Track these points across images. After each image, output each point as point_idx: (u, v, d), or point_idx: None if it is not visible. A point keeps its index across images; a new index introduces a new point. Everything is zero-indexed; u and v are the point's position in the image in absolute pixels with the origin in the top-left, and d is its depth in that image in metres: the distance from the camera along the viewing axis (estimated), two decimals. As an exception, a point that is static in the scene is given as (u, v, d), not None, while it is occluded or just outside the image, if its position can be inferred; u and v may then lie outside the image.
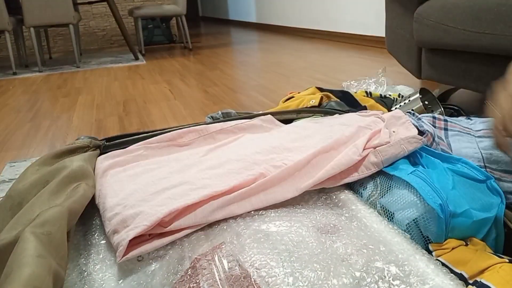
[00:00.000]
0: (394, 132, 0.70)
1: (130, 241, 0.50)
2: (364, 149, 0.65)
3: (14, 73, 3.32)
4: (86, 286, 0.49)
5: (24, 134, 1.72)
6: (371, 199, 0.59)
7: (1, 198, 0.61)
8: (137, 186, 0.62)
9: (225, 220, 0.56)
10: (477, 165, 0.61)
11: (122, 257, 0.50)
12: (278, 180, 0.61)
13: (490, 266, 0.46)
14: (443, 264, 0.47)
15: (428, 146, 0.67)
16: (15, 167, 1.34)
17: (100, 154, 0.80)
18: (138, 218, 0.53)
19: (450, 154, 0.67)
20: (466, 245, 0.52)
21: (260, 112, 1.00)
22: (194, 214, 0.54)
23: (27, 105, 2.28)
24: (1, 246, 0.48)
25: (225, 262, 0.46)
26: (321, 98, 1.18)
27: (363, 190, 0.61)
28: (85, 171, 0.63)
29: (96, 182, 0.66)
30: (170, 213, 0.53)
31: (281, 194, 0.59)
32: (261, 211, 0.57)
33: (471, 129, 0.74)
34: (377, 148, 0.65)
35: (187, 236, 0.53)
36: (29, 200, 0.58)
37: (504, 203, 0.55)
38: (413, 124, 0.70)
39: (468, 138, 0.71)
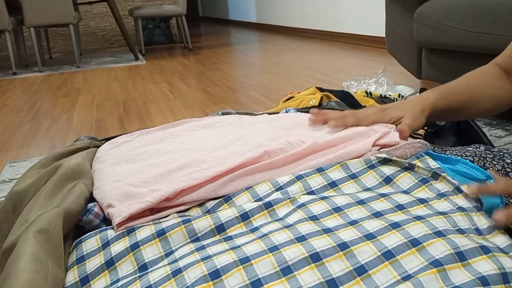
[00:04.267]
0: None
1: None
2: (373, 146, 0.66)
3: (14, 73, 3.32)
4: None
5: (24, 134, 1.73)
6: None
7: (2, 200, 0.61)
8: (138, 166, 0.63)
9: None
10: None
11: (119, 227, 0.51)
12: (281, 164, 0.61)
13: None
14: None
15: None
16: (15, 167, 1.34)
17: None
18: (143, 194, 0.54)
19: (450, 156, 0.67)
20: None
21: (260, 112, 1.00)
22: (197, 192, 0.55)
23: (27, 105, 2.28)
24: (5, 249, 0.48)
25: None
26: (321, 98, 1.18)
27: None
28: (82, 169, 0.63)
29: (92, 167, 0.67)
30: (175, 192, 0.54)
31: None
32: None
33: None
34: (381, 150, 0.65)
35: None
36: (30, 200, 0.58)
37: (504, 204, 0.55)
38: None
39: None
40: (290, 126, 0.74)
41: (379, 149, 0.66)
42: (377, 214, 0.48)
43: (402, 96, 1.38)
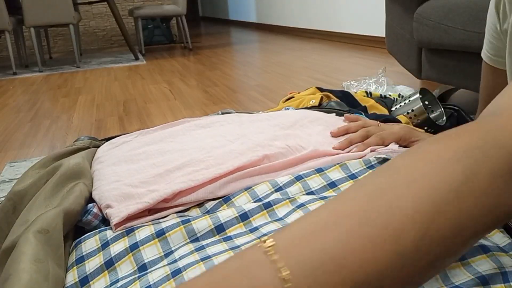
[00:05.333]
0: None
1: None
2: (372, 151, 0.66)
3: (14, 73, 3.32)
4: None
5: (24, 134, 1.73)
6: None
7: (2, 200, 0.61)
8: (137, 166, 0.63)
9: None
10: None
11: (117, 228, 0.51)
12: (280, 167, 0.61)
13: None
14: None
15: None
16: (15, 167, 1.34)
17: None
18: (141, 195, 0.54)
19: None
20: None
21: (260, 112, 1.00)
22: (196, 193, 0.55)
23: (27, 105, 2.28)
24: (4, 248, 0.48)
25: None
26: (321, 98, 1.18)
27: None
28: (82, 169, 0.63)
29: (92, 167, 0.67)
30: (173, 193, 0.54)
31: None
32: None
33: None
34: (377, 150, 0.65)
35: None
36: (29, 200, 0.58)
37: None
38: None
39: None
40: (289, 125, 0.74)
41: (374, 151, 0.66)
42: None
43: (402, 96, 1.38)
